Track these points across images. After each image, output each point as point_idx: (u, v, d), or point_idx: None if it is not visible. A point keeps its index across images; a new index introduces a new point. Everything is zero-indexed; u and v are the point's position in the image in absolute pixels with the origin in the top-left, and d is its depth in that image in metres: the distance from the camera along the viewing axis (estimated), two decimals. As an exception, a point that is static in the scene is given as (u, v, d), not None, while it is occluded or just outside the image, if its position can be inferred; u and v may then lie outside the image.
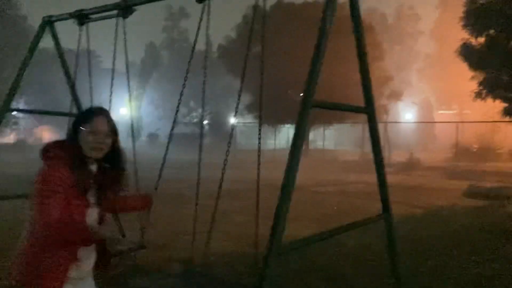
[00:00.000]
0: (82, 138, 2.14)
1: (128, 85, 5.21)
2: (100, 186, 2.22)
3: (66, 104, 5.76)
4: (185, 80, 4.40)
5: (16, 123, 33.75)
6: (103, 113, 2.25)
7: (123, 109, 35.27)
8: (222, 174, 4.36)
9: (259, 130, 4.67)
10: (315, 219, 8.08)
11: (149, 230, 5.39)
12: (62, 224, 1.97)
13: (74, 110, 5.63)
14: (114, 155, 2.27)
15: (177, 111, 4.54)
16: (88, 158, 2.16)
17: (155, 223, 5.61)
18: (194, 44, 4.36)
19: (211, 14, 4.33)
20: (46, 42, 5.58)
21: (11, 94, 4.95)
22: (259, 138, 4.59)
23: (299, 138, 2.70)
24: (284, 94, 26.07)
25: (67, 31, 5.91)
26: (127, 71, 5.04)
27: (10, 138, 35.27)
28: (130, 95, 5.36)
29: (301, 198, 6.87)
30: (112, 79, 5.04)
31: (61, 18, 5.13)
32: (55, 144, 2.16)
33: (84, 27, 5.14)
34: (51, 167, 2.05)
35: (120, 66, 5.55)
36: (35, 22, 32.05)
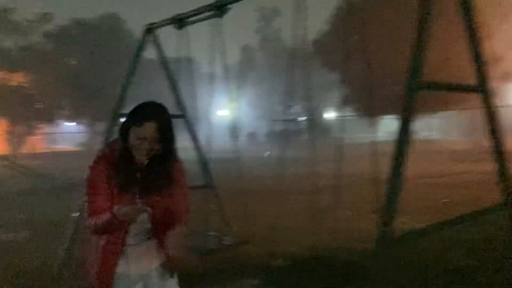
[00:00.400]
0: (130, 139, 2.10)
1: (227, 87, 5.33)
2: (145, 183, 2.15)
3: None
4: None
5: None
6: (156, 117, 2.09)
7: (223, 111, 36.43)
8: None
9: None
10: (423, 211, 7.65)
11: (248, 225, 5.48)
12: (94, 216, 2.05)
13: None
14: (163, 156, 2.15)
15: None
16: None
17: (255, 218, 5.66)
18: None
19: (303, 10, 4.28)
20: (149, 52, 5.90)
21: (121, 100, 5.27)
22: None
23: (406, 124, 2.52)
24: (383, 84, 25.00)
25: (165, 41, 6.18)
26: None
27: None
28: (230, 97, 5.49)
29: (408, 190, 6.52)
30: (212, 83, 5.19)
31: (162, 24, 5.39)
32: (111, 141, 2.22)
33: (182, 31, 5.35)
34: (94, 163, 2.13)
35: (218, 70, 5.74)
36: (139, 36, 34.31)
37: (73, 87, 28.03)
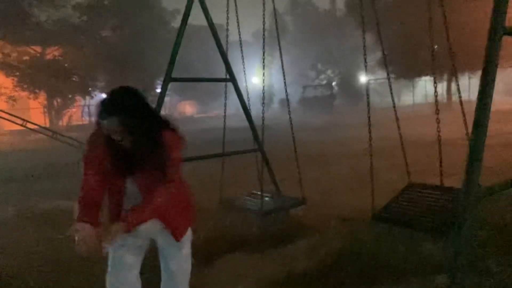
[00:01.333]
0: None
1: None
2: (130, 162, 2.25)
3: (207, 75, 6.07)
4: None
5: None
6: (116, 112, 2.10)
7: (254, 78, 36.26)
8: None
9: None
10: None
11: (297, 188, 5.49)
12: (81, 191, 2.27)
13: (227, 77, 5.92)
14: (145, 135, 2.19)
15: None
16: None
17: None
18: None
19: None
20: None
21: (171, 64, 5.22)
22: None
23: (489, 76, 2.37)
24: (422, 44, 24.16)
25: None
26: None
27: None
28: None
29: (453, 152, 6.33)
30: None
31: None
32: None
33: None
34: (90, 138, 2.31)
35: (247, 37, 5.67)
36: (168, 4, 34.38)
37: (106, 59, 28.38)
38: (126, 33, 29.96)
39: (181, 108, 42.79)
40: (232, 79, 5.90)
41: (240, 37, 5.82)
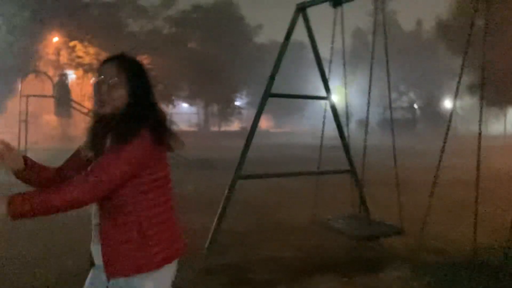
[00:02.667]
0: None
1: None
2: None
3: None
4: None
5: (240, 113, 38.00)
6: (115, 58, 1.73)
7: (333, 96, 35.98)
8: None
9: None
10: None
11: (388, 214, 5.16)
12: None
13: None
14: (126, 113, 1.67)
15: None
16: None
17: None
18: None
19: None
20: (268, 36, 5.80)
21: (271, 80, 5.22)
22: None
23: None
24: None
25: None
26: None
27: (235, 126, 39.63)
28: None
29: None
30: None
31: (315, 3, 5.18)
32: None
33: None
34: None
35: (326, 54, 5.56)
36: (251, 20, 35.24)
37: (191, 69, 29.57)
38: (210, 46, 31.07)
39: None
40: (329, 97, 5.83)
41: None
